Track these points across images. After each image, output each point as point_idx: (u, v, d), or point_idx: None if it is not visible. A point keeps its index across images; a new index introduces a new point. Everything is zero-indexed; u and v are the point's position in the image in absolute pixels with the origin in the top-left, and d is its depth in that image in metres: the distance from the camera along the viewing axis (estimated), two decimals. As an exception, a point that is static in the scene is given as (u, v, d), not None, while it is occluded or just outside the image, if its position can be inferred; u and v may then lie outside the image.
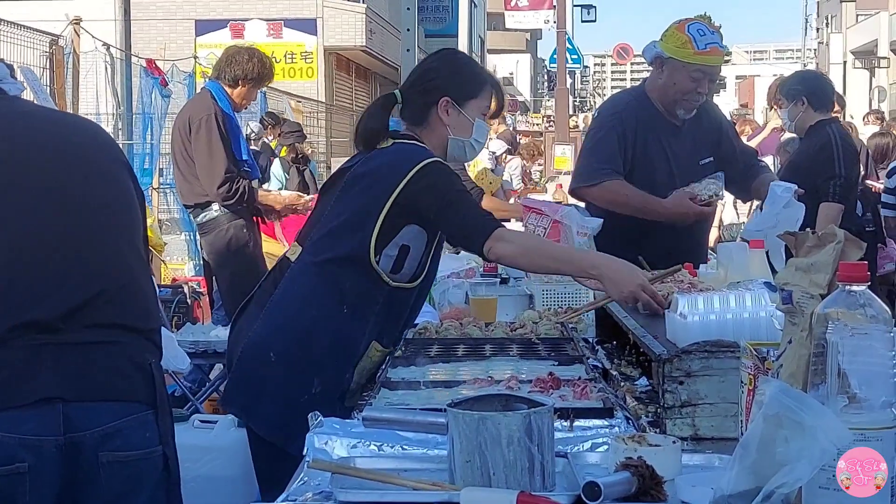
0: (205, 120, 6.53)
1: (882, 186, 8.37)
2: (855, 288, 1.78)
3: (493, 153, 12.82)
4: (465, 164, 7.43)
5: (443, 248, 6.13)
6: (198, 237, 14.27)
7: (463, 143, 3.64)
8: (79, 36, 10.27)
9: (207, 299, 10.13)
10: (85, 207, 2.63)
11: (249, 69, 6.72)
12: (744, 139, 10.11)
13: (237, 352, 3.59)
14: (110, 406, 2.51)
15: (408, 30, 8.39)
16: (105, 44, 13.82)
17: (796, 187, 4.98)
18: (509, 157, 13.82)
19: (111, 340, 2.55)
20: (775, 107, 8.05)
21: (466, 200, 3.52)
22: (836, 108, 7.52)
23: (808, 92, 6.32)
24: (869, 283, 1.79)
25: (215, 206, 6.63)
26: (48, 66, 9.86)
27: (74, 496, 2.50)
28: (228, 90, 6.73)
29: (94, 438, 2.49)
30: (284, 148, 14.12)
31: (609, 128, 5.14)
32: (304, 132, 15.35)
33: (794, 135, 8.05)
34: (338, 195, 3.60)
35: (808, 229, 1.99)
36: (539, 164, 18.18)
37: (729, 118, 12.36)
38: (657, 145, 5.00)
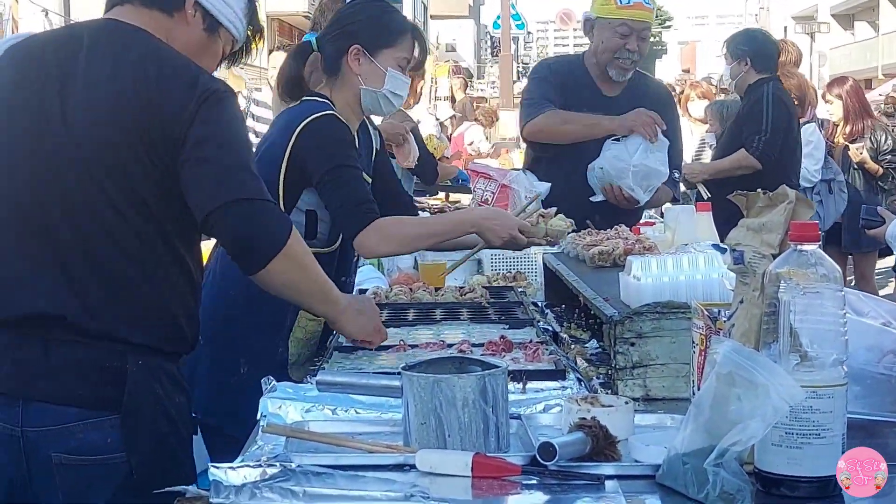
0: None
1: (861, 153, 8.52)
2: (806, 247, 1.80)
3: (439, 120, 12.74)
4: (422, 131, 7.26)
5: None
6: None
7: (375, 93, 3.45)
8: (17, 2, 10.11)
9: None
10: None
11: None
12: (690, 106, 10.11)
13: None
14: (68, 409, 2.41)
15: (350, -6, 8.27)
16: (44, 9, 13.63)
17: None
18: (467, 123, 13.56)
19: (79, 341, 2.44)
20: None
21: (347, 177, 3.31)
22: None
23: (753, 53, 6.36)
24: (820, 243, 1.81)
25: None
26: (-14, 33, 9.71)
27: (31, 493, 2.45)
28: None
29: (47, 437, 2.41)
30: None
31: (542, 77, 5.13)
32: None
33: (730, 96, 8.11)
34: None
35: (759, 190, 2.01)
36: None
37: (674, 84, 12.21)
38: (580, 112, 4.94)
